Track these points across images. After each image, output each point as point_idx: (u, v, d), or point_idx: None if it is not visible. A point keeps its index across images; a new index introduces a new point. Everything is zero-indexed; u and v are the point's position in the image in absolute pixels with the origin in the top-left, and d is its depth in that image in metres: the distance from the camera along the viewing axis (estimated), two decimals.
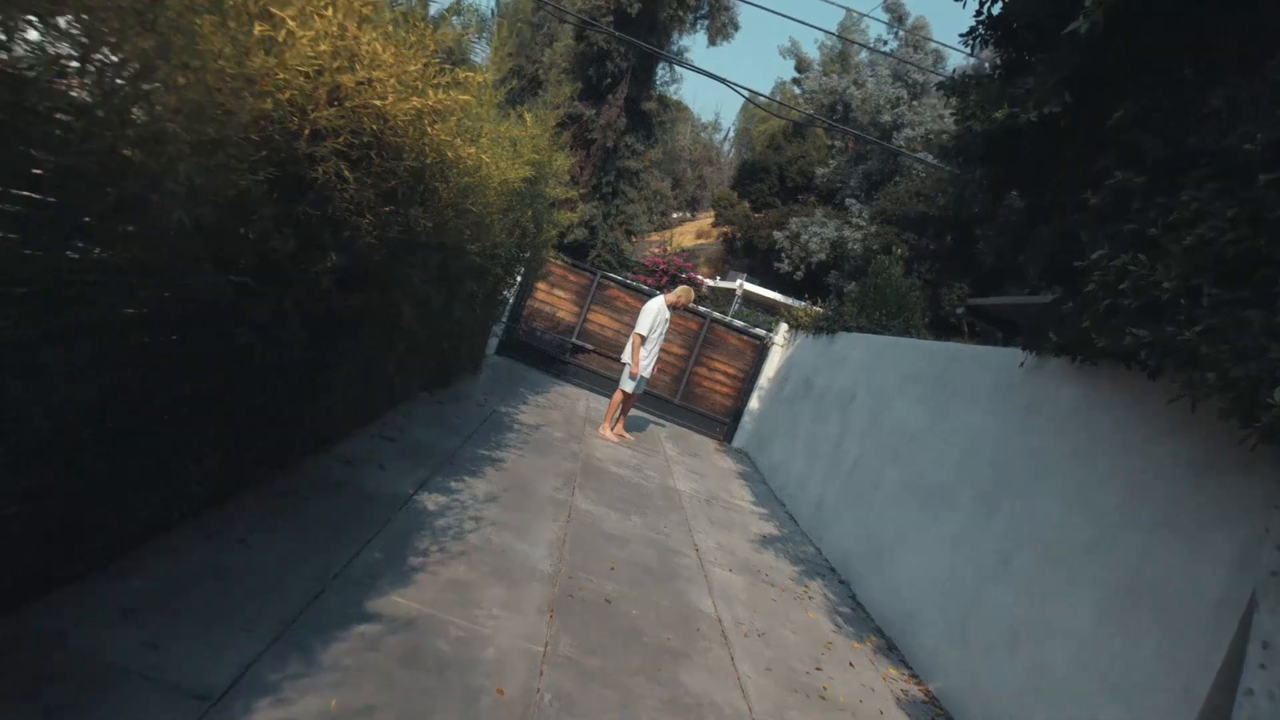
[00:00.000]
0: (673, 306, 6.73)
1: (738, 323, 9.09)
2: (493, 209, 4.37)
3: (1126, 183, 2.94)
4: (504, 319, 8.58)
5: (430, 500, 3.78)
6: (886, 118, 17.39)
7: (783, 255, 19.38)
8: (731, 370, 8.97)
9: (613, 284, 9.09)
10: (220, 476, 2.78)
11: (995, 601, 3.49)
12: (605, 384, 8.74)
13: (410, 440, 4.52)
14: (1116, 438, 3.18)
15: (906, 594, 4.20)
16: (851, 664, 3.72)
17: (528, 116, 5.19)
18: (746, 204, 23.61)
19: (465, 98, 2.84)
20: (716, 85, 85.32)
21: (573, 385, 8.82)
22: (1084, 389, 3.48)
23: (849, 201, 18.76)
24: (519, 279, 7.54)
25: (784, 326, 8.68)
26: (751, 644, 3.53)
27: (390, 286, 3.27)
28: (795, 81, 21.60)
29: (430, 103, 2.75)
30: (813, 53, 23.46)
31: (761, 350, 8.90)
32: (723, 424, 8.92)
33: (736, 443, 8.82)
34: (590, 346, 8.94)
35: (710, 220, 29.14)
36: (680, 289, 6.76)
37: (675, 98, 18.51)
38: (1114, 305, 2.92)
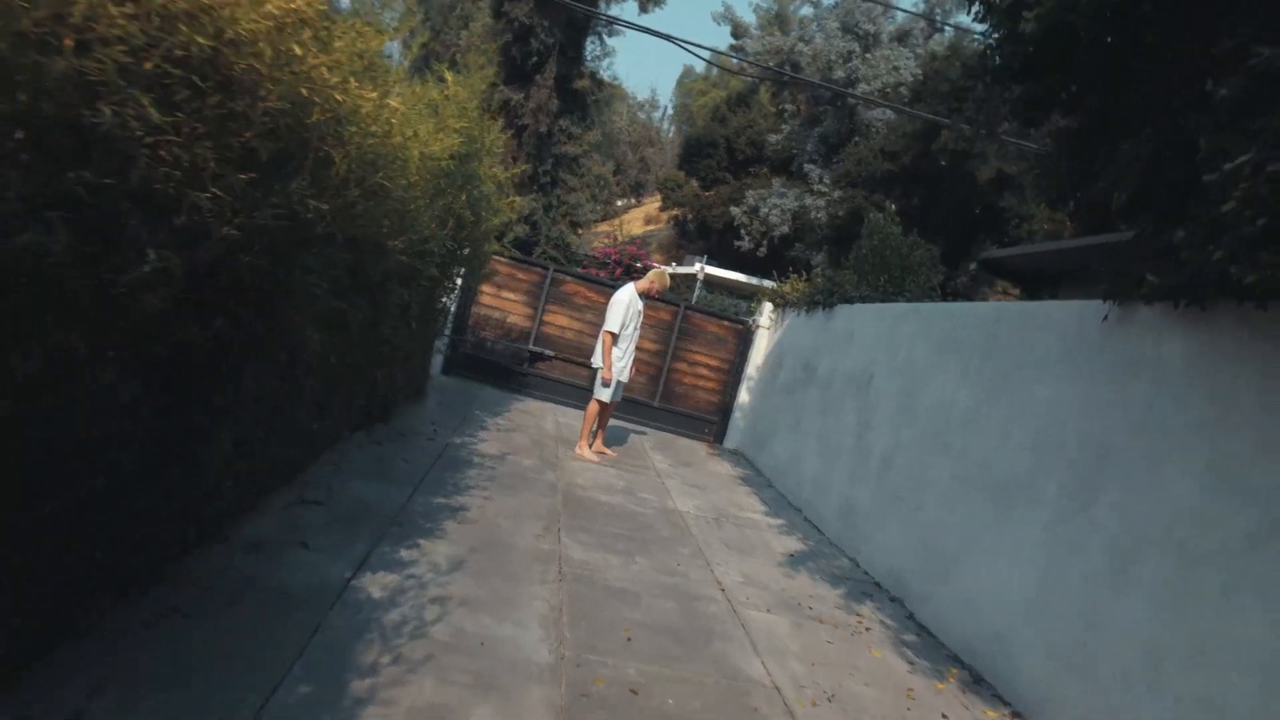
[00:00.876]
0: (646, 295, 5.79)
1: (715, 308, 8.22)
2: (416, 191, 3.38)
3: (1278, 60, 2.19)
4: (447, 332, 7.46)
5: (375, 584, 2.81)
6: (840, 74, 16.55)
7: (742, 232, 18.45)
8: (714, 362, 8.10)
9: (569, 278, 8.11)
10: (35, 622, 1.77)
11: (1121, 616, 2.77)
12: (573, 393, 7.75)
13: (342, 500, 3.50)
14: (1265, 399, 2.47)
15: (987, 612, 3.44)
16: (945, 716, 2.94)
17: (449, 75, 4.17)
18: (695, 183, 22.58)
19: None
20: (649, 61, 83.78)
21: (536, 399, 7.78)
22: (1198, 342, 2.76)
23: (807, 168, 17.90)
24: (459, 282, 6.40)
25: (768, 306, 7.83)
26: (824, 715, 2.72)
27: (278, 301, 2.27)
28: (734, 48, 20.71)
29: (296, 6, 1.77)
30: (748, 15, 22.61)
31: (745, 336, 8.06)
32: (711, 423, 8.05)
33: (729, 443, 7.95)
34: (551, 353, 7.94)
35: (657, 204, 28.14)
36: (653, 273, 5.83)
37: (608, 75, 17.42)
38: (1272, 225, 2.20)
